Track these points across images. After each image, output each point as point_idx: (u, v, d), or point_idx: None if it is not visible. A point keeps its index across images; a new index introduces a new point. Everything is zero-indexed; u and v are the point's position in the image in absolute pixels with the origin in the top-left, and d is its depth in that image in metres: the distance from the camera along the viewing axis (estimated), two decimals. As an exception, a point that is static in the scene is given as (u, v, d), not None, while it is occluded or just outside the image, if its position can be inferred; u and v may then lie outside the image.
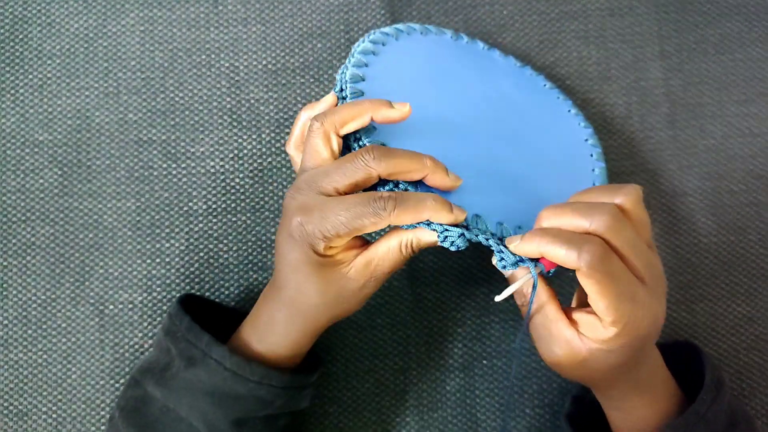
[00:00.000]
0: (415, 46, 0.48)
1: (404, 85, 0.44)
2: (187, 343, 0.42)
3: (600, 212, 0.35)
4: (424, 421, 0.51)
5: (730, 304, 0.53)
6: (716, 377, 0.42)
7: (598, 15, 0.56)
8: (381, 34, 0.47)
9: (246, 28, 0.55)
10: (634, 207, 0.37)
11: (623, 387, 0.40)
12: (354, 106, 0.39)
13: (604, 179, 0.48)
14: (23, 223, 0.52)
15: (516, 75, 0.52)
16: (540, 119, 0.49)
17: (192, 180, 0.53)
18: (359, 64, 0.44)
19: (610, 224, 0.35)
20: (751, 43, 0.56)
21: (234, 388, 0.41)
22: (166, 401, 0.42)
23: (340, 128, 0.39)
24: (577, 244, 0.34)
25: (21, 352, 0.51)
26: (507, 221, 0.40)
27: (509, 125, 0.46)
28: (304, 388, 0.44)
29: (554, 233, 0.36)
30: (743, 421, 0.43)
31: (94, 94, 0.54)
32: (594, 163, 0.49)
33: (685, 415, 0.39)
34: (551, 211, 0.37)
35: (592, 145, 0.50)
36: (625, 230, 0.35)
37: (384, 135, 0.40)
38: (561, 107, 0.52)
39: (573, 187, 0.45)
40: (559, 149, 0.48)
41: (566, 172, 0.47)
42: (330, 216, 0.37)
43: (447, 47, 0.50)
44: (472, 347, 0.52)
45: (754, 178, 0.54)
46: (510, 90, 0.49)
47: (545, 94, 0.52)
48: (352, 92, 0.42)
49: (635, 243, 0.36)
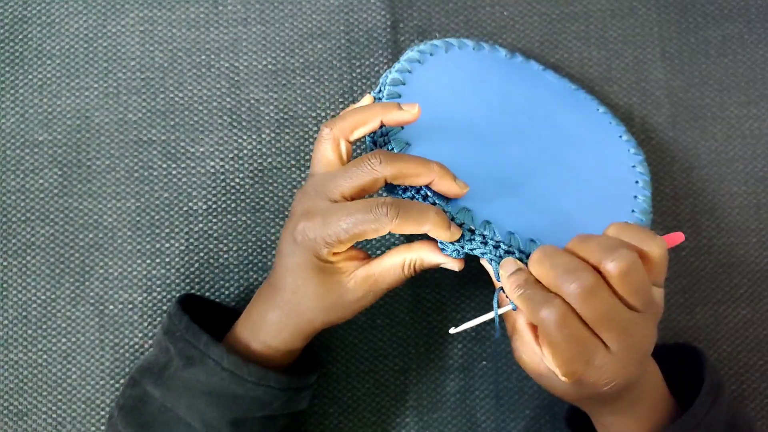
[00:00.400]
0: (463, 60, 0.48)
1: (444, 94, 0.45)
2: (186, 342, 0.42)
3: (577, 278, 0.34)
4: (424, 422, 0.51)
5: (731, 306, 0.53)
6: (716, 381, 0.42)
7: (599, 16, 0.56)
8: (430, 45, 0.47)
9: (246, 28, 0.55)
10: (658, 260, 0.36)
11: (601, 410, 0.40)
12: (363, 112, 0.39)
13: (646, 207, 0.47)
14: (23, 223, 0.52)
15: (567, 96, 0.52)
16: (585, 141, 0.48)
17: (192, 180, 0.53)
18: (403, 70, 0.44)
19: (585, 290, 0.34)
20: (752, 44, 0.56)
21: (231, 388, 0.41)
22: (164, 401, 0.42)
23: (349, 134, 0.39)
24: (537, 304, 0.35)
25: (21, 352, 0.51)
26: (520, 232, 0.40)
27: (549, 144, 0.46)
28: (303, 389, 0.44)
29: (525, 284, 0.36)
30: (743, 425, 0.43)
31: (94, 94, 0.54)
32: (638, 190, 0.48)
33: (683, 418, 0.39)
34: (542, 252, 0.37)
35: (640, 173, 0.49)
36: (600, 297, 0.34)
37: (415, 143, 0.41)
38: (612, 132, 0.51)
39: (608, 211, 0.45)
40: (601, 173, 0.47)
41: (603, 196, 0.46)
42: (332, 222, 0.37)
43: (497, 64, 0.50)
44: (471, 348, 0.52)
45: (755, 180, 0.54)
46: (557, 110, 0.49)
47: (597, 118, 0.51)
48: (389, 94, 0.42)
49: (608, 312, 0.35)
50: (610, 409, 0.40)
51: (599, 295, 0.34)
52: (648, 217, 0.46)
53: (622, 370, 0.35)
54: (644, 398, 0.40)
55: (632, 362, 0.36)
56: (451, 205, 0.39)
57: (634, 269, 0.34)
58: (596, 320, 0.34)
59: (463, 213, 0.39)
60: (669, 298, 0.53)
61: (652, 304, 0.36)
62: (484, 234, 0.39)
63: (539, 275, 0.36)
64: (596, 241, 0.36)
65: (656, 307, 0.37)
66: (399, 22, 0.55)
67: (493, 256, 0.39)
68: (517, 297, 0.36)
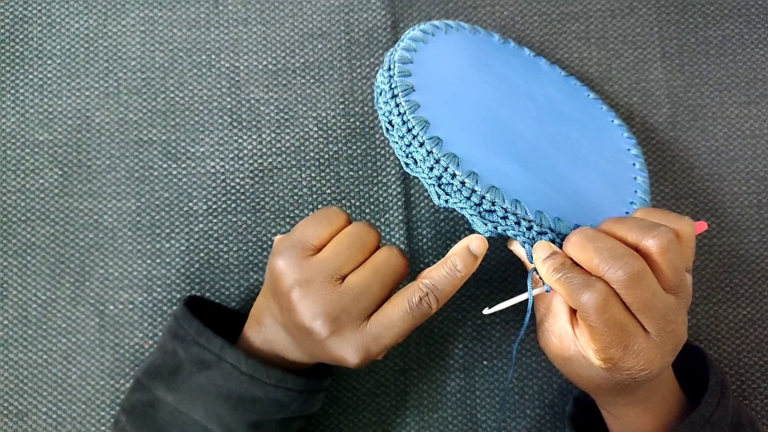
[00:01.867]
0: (463, 41, 0.48)
1: (451, 73, 0.44)
2: (199, 347, 0.42)
3: (625, 263, 0.35)
4: (425, 422, 0.51)
5: (732, 306, 0.53)
6: (720, 380, 0.42)
7: (599, 16, 0.56)
8: (431, 26, 0.47)
9: (246, 28, 0.55)
10: (688, 237, 0.37)
11: (617, 401, 0.40)
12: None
13: (646, 188, 0.48)
14: (23, 223, 0.52)
15: (561, 82, 0.52)
16: (584, 125, 0.49)
17: (192, 180, 0.53)
18: (408, 48, 0.44)
19: (633, 276, 0.34)
20: (752, 44, 0.56)
21: (250, 392, 0.41)
22: (178, 405, 0.42)
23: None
24: (578, 288, 0.35)
25: (21, 352, 0.51)
26: (546, 211, 0.40)
27: (554, 125, 0.46)
28: (318, 391, 0.44)
29: (563, 267, 0.36)
30: (747, 424, 0.43)
31: (95, 94, 0.54)
32: (636, 171, 0.48)
33: (690, 419, 0.39)
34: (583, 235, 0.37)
35: (635, 155, 0.50)
36: (645, 283, 0.35)
37: (435, 124, 0.40)
38: (605, 117, 0.52)
39: (615, 191, 0.45)
40: (602, 155, 0.48)
41: (608, 177, 0.46)
42: (386, 335, 0.38)
43: (494, 48, 0.50)
44: (472, 348, 0.52)
45: (756, 180, 0.54)
46: (555, 95, 0.49)
47: (589, 104, 0.52)
48: (400, 71, 0.42)
49: (651, 299, 0.35)
50: (626, 399, 0.40)
51: (645, 282, 0.34)
52: (649, 196, 0.47)
53: (659, 358, 0.36)
54: (658, 390, 0.40)
55: (669, 349, 0.36)
56: (481, 184, 0.39)
57: (674, 246, 0.35)
58: (640, 306, 0.35)
59: (492, 191, 0.39)
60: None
61: (686, 286, 0.37)
62: (516, 213, 0.39)
63: (580, 259, 0.36)
64: (632, 221, 0.37)
65: (688, 293, 0.37)
66: (399, 22, 0.55)
67: (525, 238, 0.39)
68: (556, 280, 0.36)
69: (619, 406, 0.40)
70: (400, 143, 0.41)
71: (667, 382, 0.41)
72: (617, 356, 0.35)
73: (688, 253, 0.38)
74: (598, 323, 0.34)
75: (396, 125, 0.41)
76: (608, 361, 0.36)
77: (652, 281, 0.35)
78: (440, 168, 0.39)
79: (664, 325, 0.35)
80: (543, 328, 0.40)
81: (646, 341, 0.35)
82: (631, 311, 0.35)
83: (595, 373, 0.37)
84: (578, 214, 0.41)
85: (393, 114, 0.41)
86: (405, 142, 0.40)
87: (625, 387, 0.38)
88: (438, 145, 0.39)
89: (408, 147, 0.40)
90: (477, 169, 0.39)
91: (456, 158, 0.39)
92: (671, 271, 0.35)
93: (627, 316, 0.35)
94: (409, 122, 0.40)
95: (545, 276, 0.37)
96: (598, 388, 0.39)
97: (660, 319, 0.35)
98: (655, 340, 0.35)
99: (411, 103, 0.40)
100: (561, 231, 0.39)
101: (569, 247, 0.37)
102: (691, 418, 0.39)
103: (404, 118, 0.40)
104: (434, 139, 0.39)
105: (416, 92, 0.41)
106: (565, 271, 0.36)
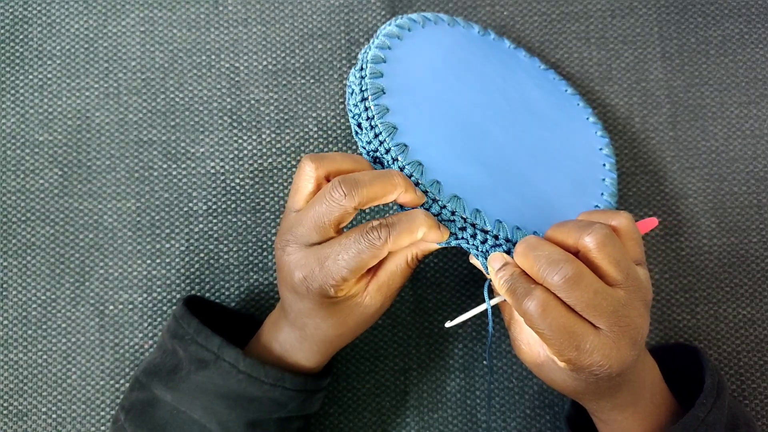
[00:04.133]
0: (440, 35, 0.47)
1: (425, 72, 0.44)
2: (198, 345, 0.42)
3: (560, 269, 0.35)
4: (425, 422, 0.51)
5: (732, 306, 0.53)
6: (716, 381, 0.42)
7: (599, 16, 0.56)
8: (408, 19, 0.46)
9: (246, 28, 0.55)
10: (627, 230, 0.38)
11: (602, 405, 0.40)
12: (381, 184, 0.37)
13: (613, 190, 0.48)
14: (23, 223, 0.52)
15: (539, 77, 0.52)
16: (557, 124, 0.49)
17: (192, 180, 0.53)
18: (383, 46, 0.43)
19: (569, 279, 0.35)
20: (752, 44, 0.56)
21: (248, 390, 0.41)
22: (177, 404, 0.42)
23: (364, 206, 0.38)
24: (521, 296, 0.36)
25: (21, 352, 0.51)
26: (507, 219, 0.40)
27: (525, 126, 0.46)
28: (317, 391, 0.45)
29: (511, 277, 0.37)
30: (743, 425, 0.43)
31: (95, 95, 0.54)
32: (605, 173, 0.49)
33: (684, 419, 0.39)
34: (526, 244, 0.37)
35: (606, 155, 0.50)
36: (584, 284, 0.35)
37: (402, 129, 0.40)
38: (580, 114, 0.52)
39: (580, 194, 0.45)
40: (572, 156, 0.48)
41: (576, 179, 0.46)
42: (330, 265, 0.37)
43: (473, 41, 0.50)
44: (472, 348, 0.52)
45: (756, 180, 0.54)
46: (531, 91, 0.49)
47: (566, 99, 0.52)
48: (372, 72, 0.42)
49: (594, 298, 0.35)
50: (612, 404, 0.40)
51: (583, 282, 0.35)
52: (615, 199, 0.48)
53: (616, 352, 0.36)
54: (644, 394, 0.40)
55: (625, 343, 0.36)
56: (443, 194, 0.39)
57: (610, 240, 0.36)
58: (583, 306, 0.35)
59: (454, 201, 0.39)
60: (670, 297, 0.53)
61: (635, 278, 0.37)
62: (475, 223, 0.39)
63: (525, 267, 0.37)
64: (571, 224, 0.38)
65: (641, 286, 0.37)
66: (399, 22, 0.55)
67: (478, 251, 0.39)
68: (505, 291, 0.37)
69: (606, 411, 0.40)
70: (368, 148, 0.41)
71: (653, 386, 0.41)
72: (573, 357, 0.35)
73: (633, 246, 0.39)
74: (543, 328, 0.35)
75: (364, 129, 0.41)
76: (567, 362, 0.36)
77: (592, 280, 0.35)
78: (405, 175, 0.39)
79: (616, 320, 0.35)
80: (512, 337, 0.41)
81: (598, 338, 0.35)
82: (578, 312, 0.35)
83: (567, 375, 0.38)
84: (540, 220, 0.41)
85: (362, 117, 0.41)
86: (372, 147, 0.40)
87: (600, 388, 0.38)
88: (404, 152, 0.39)
89: (375, 152, 0.40)
90: (441, 177, 0.39)
91: (421, 166, 0.39)
92: (612, 266, 0.36)
93: (571, 318, 0.35)
94: (377, 127, 0.40)
95: (497, 286, 0.38)
96: (576, 391, 0.39)
97: (609, 315, 0.35)
98: (609, 335, 0.35)
99: (380, 108, 0.40)
100: (518, 240, 0.39)
101: (516, 257, 0.37)
102: (684, 419, 0.39)
103: (372, 122, 0.40)
104: (400, 146, 0.39)
105: (387, 95, 0.41)
106: (513, 280, 0.37)
